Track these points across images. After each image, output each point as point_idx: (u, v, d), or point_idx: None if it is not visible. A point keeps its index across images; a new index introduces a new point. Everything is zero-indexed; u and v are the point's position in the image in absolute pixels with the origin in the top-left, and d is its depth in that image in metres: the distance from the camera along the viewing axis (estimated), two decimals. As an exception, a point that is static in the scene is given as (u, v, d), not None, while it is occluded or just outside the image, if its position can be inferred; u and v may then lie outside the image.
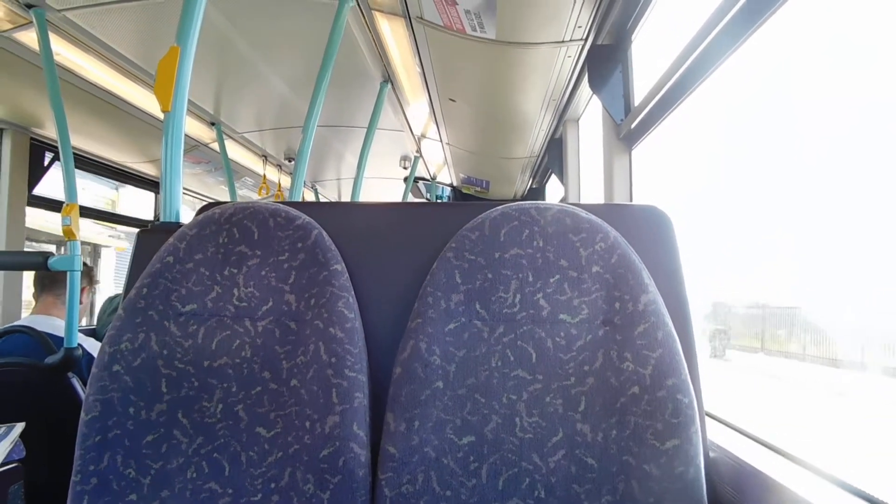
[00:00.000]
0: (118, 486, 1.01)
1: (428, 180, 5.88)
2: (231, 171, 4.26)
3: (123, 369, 1.04)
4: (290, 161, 4.78)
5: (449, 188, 5.95)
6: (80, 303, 2.44)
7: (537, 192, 4.98)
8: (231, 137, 4.09)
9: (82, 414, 1.03)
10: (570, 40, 2.24)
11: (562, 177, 3.51)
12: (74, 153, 2.50)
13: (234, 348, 1.07)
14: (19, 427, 1.43)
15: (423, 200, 5.97)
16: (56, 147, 3.06)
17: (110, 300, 3.73)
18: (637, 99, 2.17)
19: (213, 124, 3.81)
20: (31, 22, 2.24)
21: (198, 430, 1.04)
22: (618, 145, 2.23)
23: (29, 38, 2.44)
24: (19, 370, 2.08)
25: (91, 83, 2.91)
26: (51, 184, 3.45)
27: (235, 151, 4.40)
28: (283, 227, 1.12)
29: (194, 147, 4.10)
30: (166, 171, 1.44)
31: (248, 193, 5.50)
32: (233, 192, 4.44)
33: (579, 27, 2.14)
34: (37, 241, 6.91)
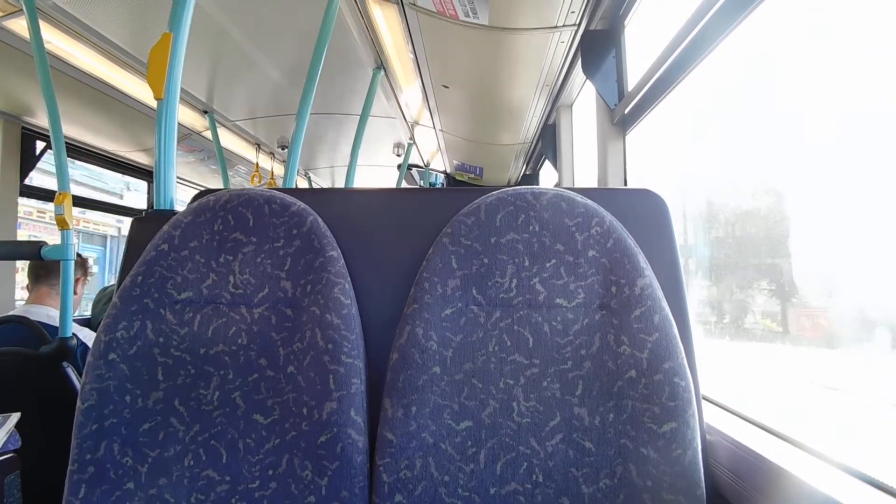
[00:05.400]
0: (115, 474, 1.01)
1: (421, 167, 5.87)
2: (224, 160, 4.24)
3: (119, 357, 1.04)
4: (283, 149, 4.76)
5: (442, 175, 5.94)
6: (75, 293, 2.43)
7: (531, 179, 4.98)
8: (224, 126, 4.08)
9: (78, 403, 1.02)
10: (563, 25, 2.24)
11: (555, 163, 3.50)
12: (66, 142, 2.48)
13: (230, 335, 1.07)
14: (14, 417, 1.42)
15: (418, 187, 5.96)
16: (48, 136, 3.03)
17: (104, 289, 3.72)
18: (630, 84, 2.17)
19: (205, 112, 3.79)
20: (21, 9, 2.22)
21: (195, 418, 1.04)
22: (612, 130, 2.23)
23: (19, 25, 2.42)
24: (14, 360, 2.07)
25: (82, 71, 2.89)
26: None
27: (228, 140, 4.38)
28: (278, 213, 1.12)
29: (187, 135, 4.09)
30: (160, 160, 1.44)
31: (241, 182, 5.49)
32: (226, 180, 4.43)
33: (572, 12, 2.14)
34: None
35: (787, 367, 1.38)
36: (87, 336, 2.39)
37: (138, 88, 3.17)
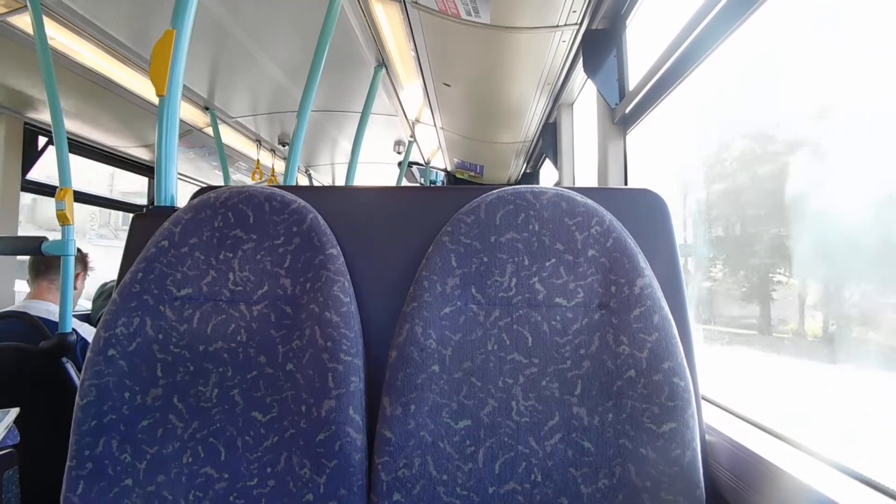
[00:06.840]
0: (113, 470, 1.01)
1: (422, 165, 5.86)
2: (225, 156, 4.24)
3: (119, 354, 1.04)
4: (283, 146, 4.76)
5: (443, 173, 5.93)
6: (75, 288, 2.43)
7: (531, 177, 4.98)
8: (225, 122, 4.07)
9: (77, 399, 1.02)
10: (565, 25, 2.24)
11: (556, 161, 3.50)
12: (68, 137, 2.47)
13: (229, 332, 1.07)
14: (13, 412, 1.42)
15: (418, 185, 5.96)
16: (50, 131, 3.03)
17: (103, 285, 3.72)
18: (631, 83, 2.17)
19: (206, 109, 3.79)
20: (26, 6, 2.22)
21: (193, 415, 1.04)
22: (612, 129, 2.23)
23: (23, 22, 2.41)
24: (13, 355, 2.07)
25: (85, 67, 2.88)
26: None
27: (229, 136, 4.37)
28: (278, 211, 1.12)
29: (188, 132, 4.08)
30: (161, 156, 1.43)
31: (241, 178, 5.48)
32: (226, 176, 4.42)
33: (574, 12, 2.13)
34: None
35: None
36: (87, 331, 2.40)
37: (140, 84, 3.17)
